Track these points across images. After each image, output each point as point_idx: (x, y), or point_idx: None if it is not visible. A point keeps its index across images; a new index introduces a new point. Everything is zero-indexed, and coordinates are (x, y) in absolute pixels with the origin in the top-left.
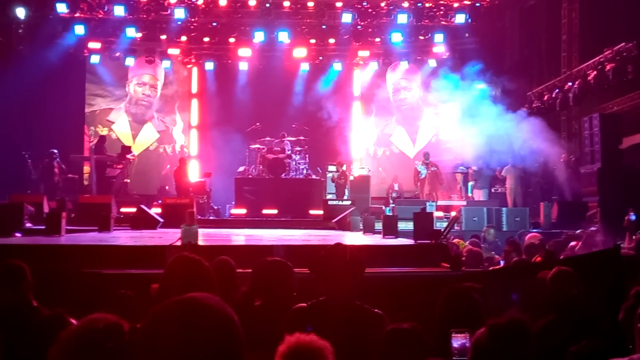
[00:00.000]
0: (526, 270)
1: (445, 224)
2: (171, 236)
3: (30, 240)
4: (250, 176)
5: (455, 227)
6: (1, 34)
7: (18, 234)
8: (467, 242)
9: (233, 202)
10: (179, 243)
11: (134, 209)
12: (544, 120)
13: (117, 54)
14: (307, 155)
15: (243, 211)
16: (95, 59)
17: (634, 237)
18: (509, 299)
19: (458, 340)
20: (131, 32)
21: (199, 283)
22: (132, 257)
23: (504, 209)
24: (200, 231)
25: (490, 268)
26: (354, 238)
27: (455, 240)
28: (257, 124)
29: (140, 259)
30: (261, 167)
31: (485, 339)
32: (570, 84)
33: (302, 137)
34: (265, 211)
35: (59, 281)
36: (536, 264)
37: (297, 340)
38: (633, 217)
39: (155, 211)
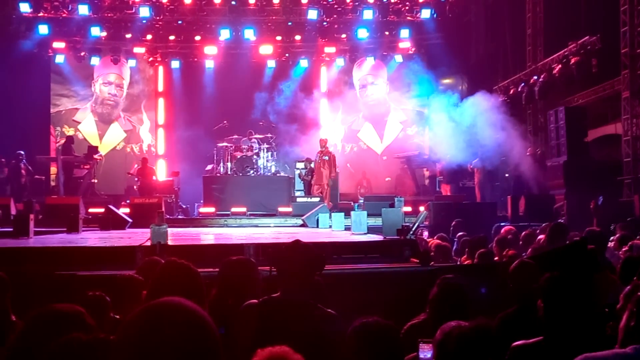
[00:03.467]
0: (493, 266)
1: (414, 219)
2: (140, 236)
3: None
4: (218, 174)
5: (424, 223)
6: None
7: None
8: (436, 237)
9: (201, 201)
10: (148, 243)
11: (102, 210)
12: (510, 114)
13: (82, 54)
14: (274, 153)
15: (211, 209)
16: (60, 58)
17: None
18: (478, 293)
19: (425, 352)
20: (96, 31)
21: (189, 288)
22: (103, 258)
23: (471, 203)
24: (170, 230)
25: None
26: (322, 235)
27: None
28: (225, 122)
29: (111, 260)
30: (229, 165)
31: (453, 347)
32: (535, 77)
33: (269, 135)
34: (234, 209)
35: (31, 284)
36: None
37: (269, 354)
38: (600, 201)
39: (123, 211)
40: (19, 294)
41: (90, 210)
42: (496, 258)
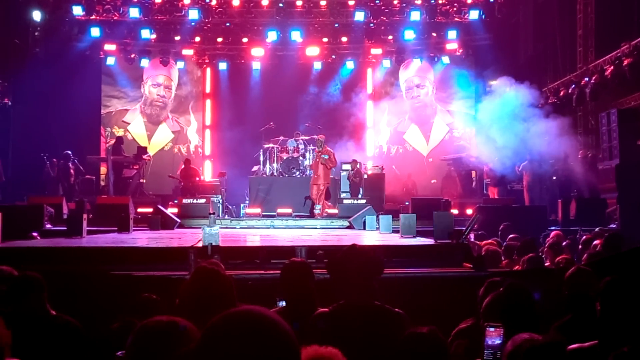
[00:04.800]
0: (549, 272)
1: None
2: (190, 237)
3: (54, 242)
4: (264, 175)
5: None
6: (18, 37)
7: (35, 234)
8: (488, 240)
9: (247, 202)
10: (200, 244)
11: (150, 209)
12: (560, 116)
13: (132, 56)
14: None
15: (257, 210)
16: (110, 60)
17: None
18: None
19: (492, 338)
20: (146, 34)
21: (219, 293)
22: (156, 259)
23: (521, 206)
24: None
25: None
26: (370, 237)
27: None
28: (271, 123)
29: (164, 260)
30: (275, 166)
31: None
32: (586, 79)
33: (315, 136)
34: (279, 210)
35: (88, 283)
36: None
37: (314, 353)
38: None
39: (171, 211)
40: (76, 293)
41: (139, 210)
42: (547, 263)
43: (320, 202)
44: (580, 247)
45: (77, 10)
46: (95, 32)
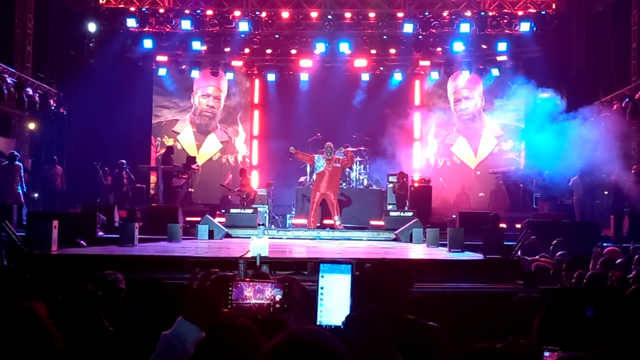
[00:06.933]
0: (603, 289)
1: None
2: (238, 247)
3: (107, 250)
4: (310, 186)
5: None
6: (74, 48)
7: (81, 241)
8: (538, 256)
9: (293, 212)
10: (249, 255)
11: (198, 219)
12: (613, 130)
13: (183, 67)
14: (367, 166)
15: (303, 221)
16: (162, 71)
17: None
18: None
19: None
20: (197, 45)
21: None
22: (207, 268)
23: (572, 222)
24: None
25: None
26: (417, 251)
27: None
28: (318, 134)
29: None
30: None
31: None
32: None
33: (362, 148)
34: (325, 221)
35: (140, 290)
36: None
37: None
38: None
39: (219, 220)
40: (132, 300)
41: (187, 219)
42: None
43: (338, 214)
44: (633, 265)
45: (131, 23)
46: (148, 43)
